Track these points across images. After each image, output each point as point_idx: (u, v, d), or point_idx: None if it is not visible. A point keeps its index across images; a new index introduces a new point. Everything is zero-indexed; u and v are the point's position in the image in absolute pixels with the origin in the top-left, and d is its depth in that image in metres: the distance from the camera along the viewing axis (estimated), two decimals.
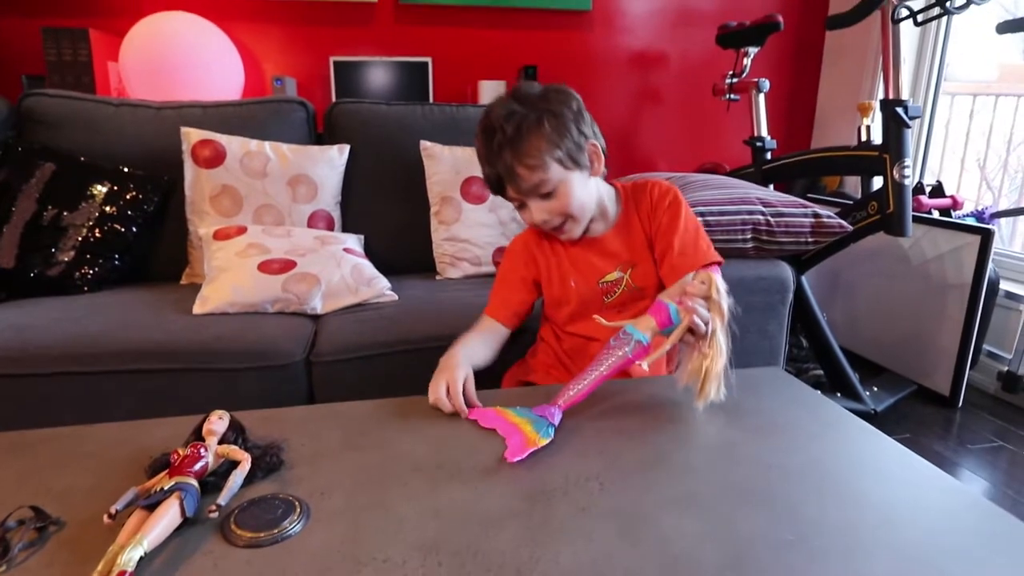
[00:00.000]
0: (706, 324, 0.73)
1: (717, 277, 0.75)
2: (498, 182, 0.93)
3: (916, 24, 1.70)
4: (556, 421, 0.70)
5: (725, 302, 0.74)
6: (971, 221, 2.00)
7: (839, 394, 1.83)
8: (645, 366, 0.71)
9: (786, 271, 1.37)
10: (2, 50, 2.38)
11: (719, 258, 0.97)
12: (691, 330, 0.74)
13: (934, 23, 2.39)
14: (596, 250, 1.01)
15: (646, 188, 1.03)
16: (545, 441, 0.66)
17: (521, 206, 0.96)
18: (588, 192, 0.96)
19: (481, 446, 0.68)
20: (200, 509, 0.55)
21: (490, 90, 2.52)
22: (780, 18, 2.14)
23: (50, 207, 1.49)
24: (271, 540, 0.52)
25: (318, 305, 1.34)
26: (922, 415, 1.90)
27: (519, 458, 0.64)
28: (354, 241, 1.57)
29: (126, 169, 1.58)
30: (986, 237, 1.82)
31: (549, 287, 1.05)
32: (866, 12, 1.66)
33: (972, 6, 1.57)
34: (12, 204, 1.49)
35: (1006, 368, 1.94)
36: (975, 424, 1.85)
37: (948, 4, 1.57)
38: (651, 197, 1.01)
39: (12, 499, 0.56)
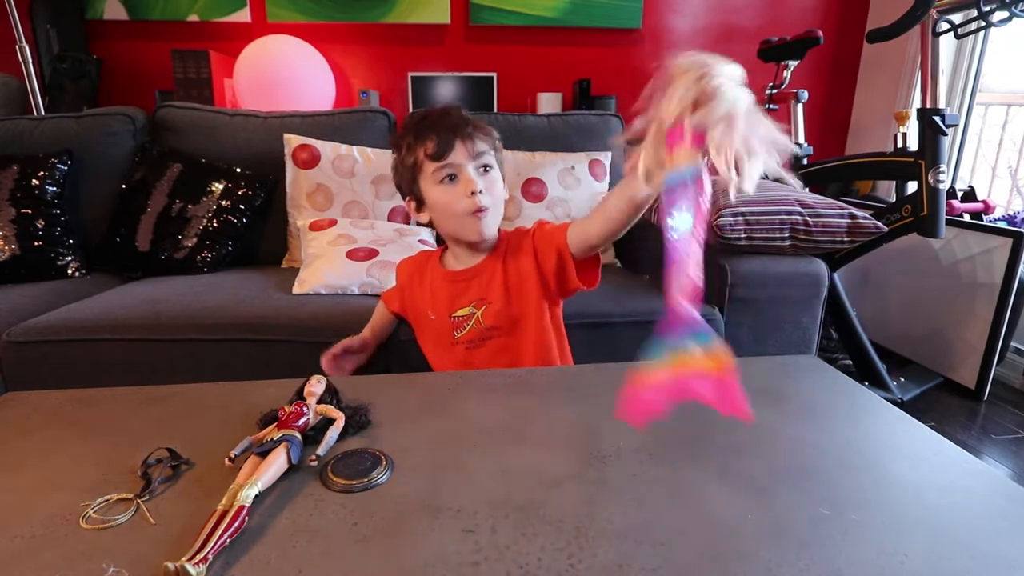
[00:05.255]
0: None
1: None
2: (446, 145, 0.86)
3: (957, 37, 1.58)
4: (699, 317, 0.45)
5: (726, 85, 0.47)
6: (1003, 225, 1.86)
7: (867, 383, 1.74)
8: (733, 195, 0.46)
9: (821, 267, 1.30)
10: (140, 70, 2.52)
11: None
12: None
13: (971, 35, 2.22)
14: (453, 284, 0.97)
15: (527, 231, 0.96)
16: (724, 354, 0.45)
17: (453, 178, 0.88)
18: (502, 195, 0.94)
19: (539, 414, 0.68)
20: (302, 458, 0.57)
21: (547, 101, 2.50)
22: (820, 33, 2.03)
23: (177, 201, 1.57)
24: (362, 487, 0.54)
25: None
26: (947, 405, 1.80)
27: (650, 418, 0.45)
28: (427, 234, 1.59)
29: (238, 169, 1.65)
30: (1019, 240, 1.70)
31: (416, 319, 1.04)
32: (909, 25, 1.55)
33: (1014, 19, 1.45)
34: (148, 198, 1.58)
35: None
36: (1000, 416, 1.73)
37: (990, 17, 1.46)
38: (519, 235, 0.96)
39: (151, 442, 0.59)
